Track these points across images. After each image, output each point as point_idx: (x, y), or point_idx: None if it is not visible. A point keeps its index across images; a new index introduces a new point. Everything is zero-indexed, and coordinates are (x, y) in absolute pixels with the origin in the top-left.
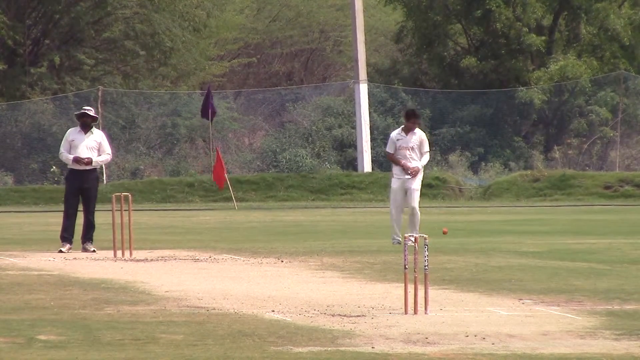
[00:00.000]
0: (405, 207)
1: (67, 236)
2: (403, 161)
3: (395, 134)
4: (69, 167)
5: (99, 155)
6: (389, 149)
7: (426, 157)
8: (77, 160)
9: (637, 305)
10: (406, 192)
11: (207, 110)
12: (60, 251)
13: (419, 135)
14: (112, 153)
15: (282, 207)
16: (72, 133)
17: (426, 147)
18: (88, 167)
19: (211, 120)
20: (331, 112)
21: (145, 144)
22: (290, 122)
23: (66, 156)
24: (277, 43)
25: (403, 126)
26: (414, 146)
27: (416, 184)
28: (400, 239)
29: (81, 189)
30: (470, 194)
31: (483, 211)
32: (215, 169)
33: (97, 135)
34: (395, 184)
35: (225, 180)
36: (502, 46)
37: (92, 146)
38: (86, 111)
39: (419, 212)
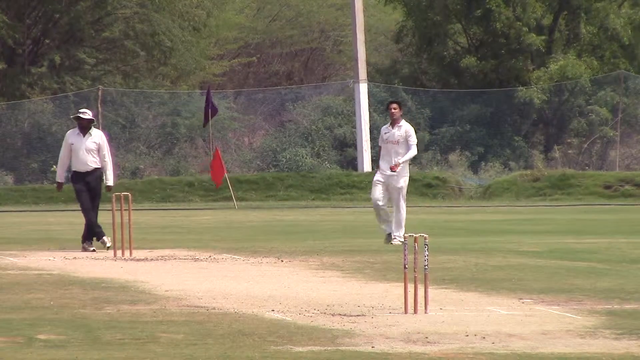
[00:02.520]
0: (389, 206)
1: (98, 230)
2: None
3: (383, 127)
4: (72, 169)
5: (99, 155)
6: (379, 142)
7: (412, 152)
8: (58, 186)
9: (637, 305)
10: (388, 188)
11: (208, 112)
12: (107, 246)
13: (404, 129)
14: (112, 153)
15: (282, 206)
16: (71, 136)
17: (412, 140)
18: (90, 169)
19: (210, 117)
20: (331, 111)
21: (145, 143)
22: (290, 121)
23: (59, 172)
24: (277, 43)
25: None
26: (400, 140)
27: (400, 182)
28: (388, 230)
29: (87, 188)
30: (470, 194)
31: (483, 211)
32: (213, 167)
33: (96, 137)
34: (378, 176)
35: (222, 178)
36: (502, 46)
37: (91, 148)
38: (80, 114)
39: (403, 211)
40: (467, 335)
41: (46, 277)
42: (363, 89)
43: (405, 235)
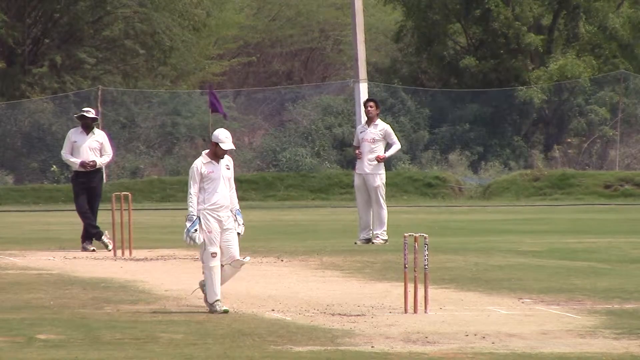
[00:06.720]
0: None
1: (95, 231)
2: (357, 151)
3: (359, 126)
4: (74, 169)
5: (101, 155)
6: (354, 142)
7: (396, 146)
8: (83, 165)
9: (636, 305)
10: (367, 190)
11: (216, 108)
12: (109, 248)
13: (381, 127)
14: (113, 152)
15: (282, 206)
16: (74, 134)
17: (393, 138)
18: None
19: (225, 117)
20: (331, 111)
21: (145, 143)
22: (290, 121)
23: (73, 160)
24: (276, 42)
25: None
26: (376, 138)
27: (376, 181)
28: (367, 237)
29: (87, 188)
30: (470, 193)
31: (483, 210)
32: None
33: (99, 136)
34: (356, 180)
35: None
36: (501, 45)
37: (94, 147)
38: (85, 113)
39: (384, 209)
40: (467, 335)
41: (46, 277)
42: (363, 88)
43: (405, 234)
